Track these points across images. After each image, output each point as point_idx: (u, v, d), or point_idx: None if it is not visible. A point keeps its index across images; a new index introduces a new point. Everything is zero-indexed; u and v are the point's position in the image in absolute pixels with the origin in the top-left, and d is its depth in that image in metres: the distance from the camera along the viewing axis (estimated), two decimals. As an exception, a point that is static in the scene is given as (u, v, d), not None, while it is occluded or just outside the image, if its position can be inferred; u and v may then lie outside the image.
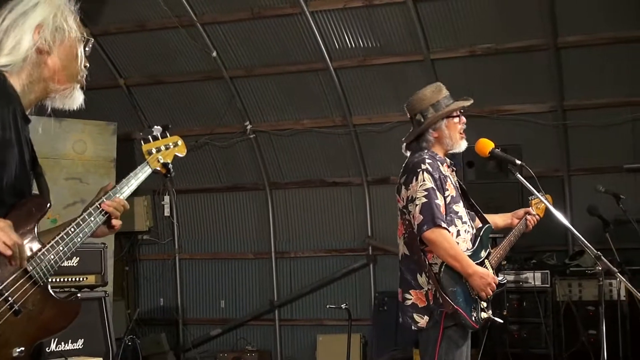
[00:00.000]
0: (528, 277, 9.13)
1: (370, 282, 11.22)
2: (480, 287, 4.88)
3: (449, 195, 4.97)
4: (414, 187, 4.90)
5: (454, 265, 4.82)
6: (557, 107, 10.07)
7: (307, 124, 11.22)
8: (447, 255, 4.80)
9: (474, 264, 4.89)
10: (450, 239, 4.82)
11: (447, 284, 4.83)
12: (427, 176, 4.89)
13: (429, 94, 5.19)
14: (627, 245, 9.05)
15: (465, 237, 5.01)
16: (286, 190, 11.70)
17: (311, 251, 11.60)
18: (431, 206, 4.81)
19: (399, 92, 10.65)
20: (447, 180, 5.01)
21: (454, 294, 4.84)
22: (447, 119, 5.12)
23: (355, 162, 11.17)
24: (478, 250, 5.06)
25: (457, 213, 4.99)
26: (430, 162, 4.96)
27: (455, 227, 4.95)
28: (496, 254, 5.24)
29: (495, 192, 8.96)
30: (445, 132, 5.11)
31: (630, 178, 10.04)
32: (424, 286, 4.92)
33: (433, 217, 4.80)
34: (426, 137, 5.13)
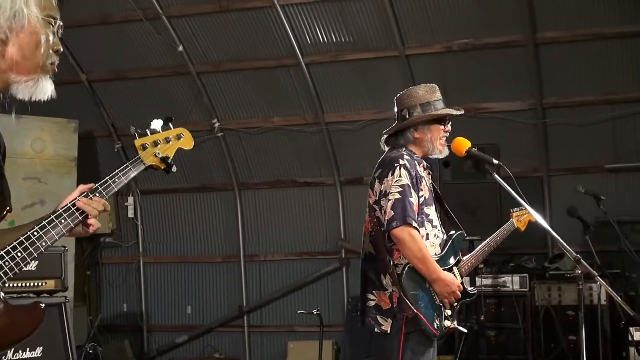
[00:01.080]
0: (506, 280, 9.18)
1: (343, 287, 11.22)
2: (443, 294, 4.87)
3: (422, 197, 4.96)
4: (388, 182, 4.89)
5: (420, 268, 4.81)
6: (536, 104, 10.14)
7: (278, 122, 11.20)
8: (414, 256, 4.79)
9: (440, 269, 4.88)
10: (419, 239, 4.80)
11: (409, 286, 4.82)
12: (404, 172, 4.88)
13: (421, 93, 5.19)
14: (607, 247, 9.12)
15: (433, 242, 5.00)
16: (256, 190, 11.67)
17: (282, 254, 11.59)
18: (404, 203, 4.80)
19: (372, 88, 10.66)
20: (422, 181, 5.01)
21: (415, 297, 4.82)
22: (432, 123, 5.13)
23: (328, 162, 11.18)
24: (447, 256, 5.05)
25: (428, 216, 4.98)
26: (408, 159, 4.96)
27: (425, 230, 4.94)
28: (467, 262, 5.21)
29: (472, 193, 9.00)
30: (427, 135, 5.11)
31: (611, 178, 10.13)
32: (389, 287, 4.90)
33: (404, 215, 4.78)
34: (406, 135, 5.12)
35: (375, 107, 10.68)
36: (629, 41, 9.68)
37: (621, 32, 9.60)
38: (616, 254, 9.07)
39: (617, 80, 9.87)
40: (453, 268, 5.06)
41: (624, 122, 9.99)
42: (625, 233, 9.38)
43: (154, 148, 3.33)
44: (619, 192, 10.07)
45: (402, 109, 5.18)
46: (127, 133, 11.69)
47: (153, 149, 3.32)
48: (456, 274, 5.05)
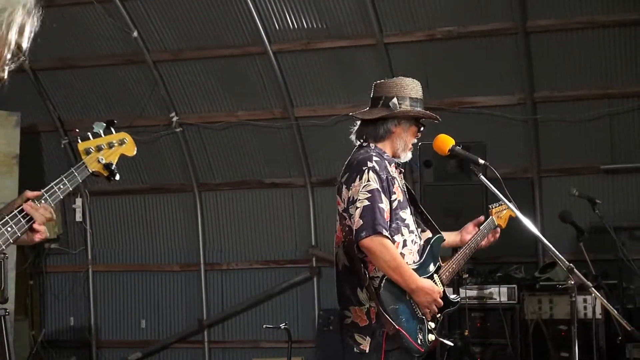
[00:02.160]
0: (492, 292, 9.21)
1: (314, 298, 11.23)
2: (424, 304, 4.87)
3: (396, 200, 4.94)
4: (356, 187, 4.87)
5: (396, 279, 4.81)
6: (527, 99, 10.18)
7: (243, 116, 11.19)
8: (388, 267, 4.78)
9: (418, 278, 4.86)
10: (392, 248, 4.80)
11: (388, 300, 4.82)
12: (372, 176, 4.87)
13: (411, 86, 5.19)
14: (603, 256, 9.19)
15: (411, 249, 5.00)
16: (218, 192, 11.65)
17: (246, 262, 11.58)
18: (374, 210, 4.79)
19: (347, 80, 10.67)
20: (395, 183, 5.00)
21: (395, 312, 4.82)
22: (415, 122, 5.14)
23: (298, 161, 11.18)
24: (426, 263, 5.05)
25: (403, 220, 4.97)
26: (377, 161, 4.94)
27: (402, 237, 4.94)
28: (448, 268, 5.20)
29: (456, 196, 9.02)
30: (403, 134, 5.11)
31: (608, 180, 10.20)
32: (365, 303, 4.90)
33: (374, 223, 4.77)
34: (387, 126, 5.11)
35: (350, 101, 10.68)
36: (628, 30, 9.75)
37: (620, 20, 9.67)
38: (613, 263, 9.14)
39: (614, 73, 9.94)
40: (433, 276, 5.07)
41: (622, 119, 10.06)
42: (623, 240, 9.46)
43: (97, 153, 3.38)
44: (616, 195, 10.14)
45: (389, 96, 5.14)
46: (75, 127, 11.62)
47: (96, 154, 3.38)
48: (437, 281, 5.06)
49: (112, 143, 3.44)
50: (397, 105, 5.09)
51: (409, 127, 5.13)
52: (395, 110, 5.09)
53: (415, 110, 5.10)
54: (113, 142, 3.44)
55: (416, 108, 5.11)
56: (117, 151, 3.46)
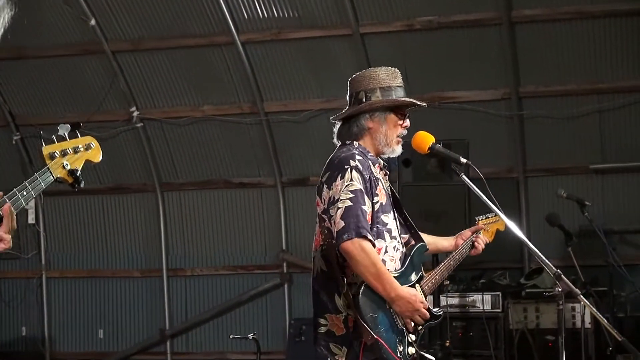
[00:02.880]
0: (475, 300, 9.23)
1: (285, 307, 11.22)
2: (405, 313, 4.84)
3: (378, 203, 4.91)
4: (337, 187, 4.84)
5: (375, 286, 4.77)
6: (511, 94, 10.22)
7: (208, 111, 11.16)
8: (368, 273, 4.75)
9: (399, 286, 4.84)
10: (373, 253, 4.76)
11: (367, 308, 4.78)
12: (355, 175, 4.84)
13: (382, 75, 5.15)
14: (593, 261, 9.23)
15: (394, 256, 4.98)
16: (181, 192, 11.62)
17: (212, 268, 11.55)
18: (356, 212, 4.74)
19: (321, 73, 10.67)
20: (378, 184, 4.99)
21: (374, 320, 4.78)
22: (390, 111, 5.11)
23: (268, 159, 11.16)
24: (407, 272, 5.02)
25: (385, 225, 4.95)
26: (360, 160, 4.91)
27: (383, 242, 4.91)
28: (431, 278, 5.18)
29: (437, 197, 9.03)
30: (382, 127, 5.06)
31: (598, 181, 10.25)
32: (343, 310, 4.86)
33: (357, 226, 4.72)
34: (360, 122, 5.08)
35: (323, 95, 10.68)
36: (619, 21, 9.81)
37: (610, 11, 9.73)
38: (603, 269, 9.18)
39: (605, 66, 9.99)
40: (415, 285, 5.06)
41: (613, 116, 10.12)
42: (614, 244, 9.51)
43: (62, 158, 3.35)
44: (606, 197, 10.19)
45: (358, 91, 5.12)
46: (27, 122, 11.56)
47: (61, 160, 3.35)
48: (419, 291, 5.05)
49: (78, 148, 3.42)
50: (365, 99, 5.09)
51: (386, 117, 5.07)
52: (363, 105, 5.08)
53: (386, 99, 5.07)
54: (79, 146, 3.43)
55: (389, 97, 5.09)
56: (83, 157, 3.44)
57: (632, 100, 9.99)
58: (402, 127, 5.09)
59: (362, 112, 5.06)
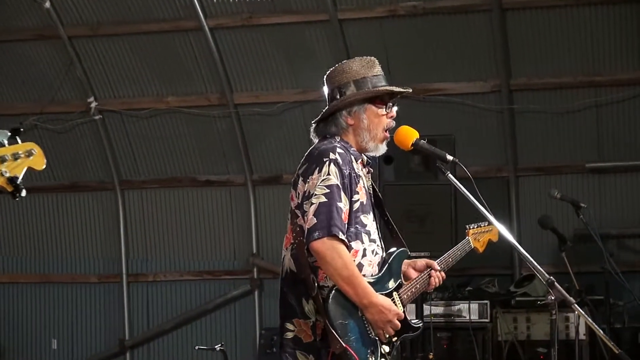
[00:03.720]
0: (461, 309, 9.25)
1: (255, 315, 11.21)
2: (377, 323, 4.83)
3: (358, 201, 4.90)
4: (313, 180, 4.82)
5: (346, 291, 4.76)
6: (502, 86, 10.24)
7: (173, 103, 11.13)
8: (339, 276, 4.74)
9: (373, 292, 4.82)
10: (345, 255, 4.75)
11: (337, 314, 4.77)
12: (334, 169, 4.82)
13: (356, 67, 5.12)
14: (588, 268, 9.25)
15: (371, 260, 4.96)
16: (143, 191, 11.59)
17: (176, 273, 11.53)
18: (331, 209, 4.74)
19: (295, 62, 10.66)
20: (360, 182, 4.98)
21: (344, 328, 4.76)
22: (369, 103, 5.09)
23: (237, 155, 11.15)
24: (384, 279, 5.00)
25: (364, 226, 4.93)
26: (341, 153, 4.90)
27: (361, 244, 4.89)
28: (410, 287, 5.19)
29: (421, 198, 9.04)
30: (363, 122, 5.04)
31: (594, 181, 10.29)
32: (311, 315, 4.84)
33: (330, 223, 4.72)
34: (338, 121, 5.06)
35: (298, 85, 10.67)
36: (618, 8, 9.85)
37: (609, -3, 9.80)
38: (599, 276, 9.20)
39: (603, 57, 10.02)
40: (392, 293, 5.05)
41: (611, 111, 10.15)
42: (611, 249, 9.54)
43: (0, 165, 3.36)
44: (603, 198, 10.23)
45: (332, 89, 5.13)
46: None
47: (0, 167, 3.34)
48: (396, 300, 5.04)
49: (18, 154, 3.41)
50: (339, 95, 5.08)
51: (365, 111, 5.05)
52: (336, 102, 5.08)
53: (359, 92, 5.06)
54: (19, 153, 3.42)
55: (363, 89, 5.08)
56: (24, 163, 3.43)
57: (631, 93, 10.04)
58: (387, 117, 5.06)
59: (337, 109, 5.06)
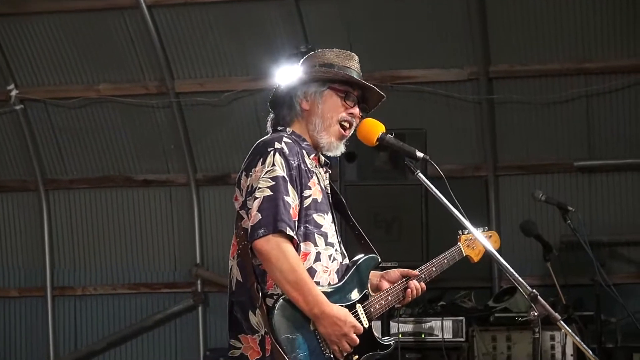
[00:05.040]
0: (433, 326, 9.27)
1: (199, 333, 11.20)
2: (330, 337, 4.82)
3: (310, 198, 4.89)
4: (256, 173, 4.81)
5: (294, 298, 4.75)
6: (480, 74, 10.27)
7: (105, 91, 11.09)
8: (285, 280, 4.73)
9: (326, 302, 4.80)
10: (293, 256, 4.74)
11: (283, 327, 4.76)
12: (279, 159, 4.81)
13: (329, 55, 5.13)
14: (576, 280, 9.31)
15: (328, 266, 4.94)
16: (71, 191, 11.54)
17: (108, 286, 11.48)
18: (277, 202, 4.74)
19: (246, 45, 10.64)
20: (312, 177, 4.97)
21: (291, 343, 4.76)
22: (329, 88, 5.09)
23: (179, 151, 11.12)
24: (346, 288, 4.98)
25: (319, 227, 4.93)
26: (288, 143, 4.89)
27: (314, 247, 4.89)
28: (380, 299, 5.17)
29: (387, 199, 9.05)
30: (318, 107, 5.05)
31: (584, 181, 10.34)
32: (259, 329, 4.84)
33: (275, 219, 4.73)
34: (292, 104, 5.08)
35: (249, 72, 10.66)
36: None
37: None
38: (589, 289, 9.25)
39: (594, 41, 10.07)
40: (355, 305, 5.04)
41: (602, 102, 10.21)
42: (602, 259, 9.59)
43: None
44: (593, 201, 10.28)
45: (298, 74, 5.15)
46: None
47: None
48: (360, 314, 5.02)
49: None
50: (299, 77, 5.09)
51: (322, 95, 5.06)
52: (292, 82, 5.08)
53: (317, 74, 5.06)
54: None
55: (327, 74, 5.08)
56: None
57: (626, 82, 10.10)
58: (346, 111, 5.06)
59: (293, 90, 5.06)
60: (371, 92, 5.16)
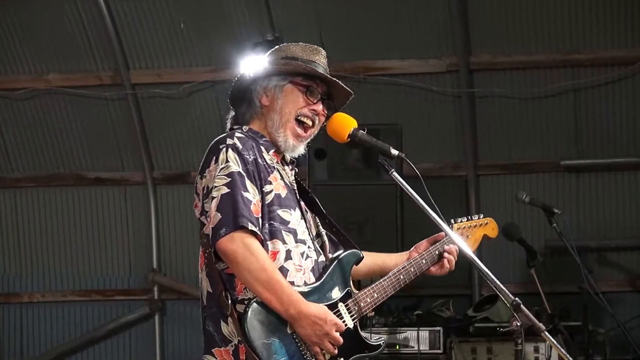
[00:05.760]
0: (409, 337, 9.28)
1: (155, 344, 11.20)
2: (311, 338, 4.80)
3: (272, 193, 4.89)
4: (211, 173, 4.82)
5: (267, 299, 4.75)
6: (460, 65, 10.29)
7: (55, 81, 11.05)
8: (256, 281, 4.73)
9: (302, 300, 4.79)
10: (261, 252, 4.75)
11: (257, 332, 4.75)
12: (232, 155, 4.81)
13: (294, 49, 5.14)
14: (562, 287, 9.34)
15: (301, 264, 4.93)
16: (17, 190, 11.49)
17: (58, 293, 11.44)
18: (235, 199, 4.75)
19: (207, 34, 10.63)
20: (273, 172, 4.97)
21: (267, 349, 4.75)
22: (290, 82, 5.09)
23: (135, 147, 11.10)
24: (325, 287, 4.97)
25: (286, 223, 4.93)
26: (241, 137, 4.89)
27: (283, 245, 4.88)
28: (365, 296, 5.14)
29: (360, 199, 9.06)
30: (277, 102, 5.07)
31: (571, 181, 10.37)
32: (232, 338, 4.83)
33: (235, 215, 4.73)
34: (252, 99, 5.09)
35: (211, 62, 10.65)
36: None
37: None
38: (575, 298, 9.28)
39: (582, 31, 10.10)
40: (337, 304, 5.03)
41: (591, 96, 10.24)
42: (590, 265, 9.62)
43: None
44: (581, 203, 10.31)
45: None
46: None
47: None
48: (343, 312, 5.02)
49: None
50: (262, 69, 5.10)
51: (283, 89, 5.06)
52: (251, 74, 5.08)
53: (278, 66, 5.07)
54: None
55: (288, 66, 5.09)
56: None
57: (616, 75, 10.13)
58: (307, 107, 5.05)
59: (253, 84, 5.08)
60: (337, 88, 5.12)
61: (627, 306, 10.01)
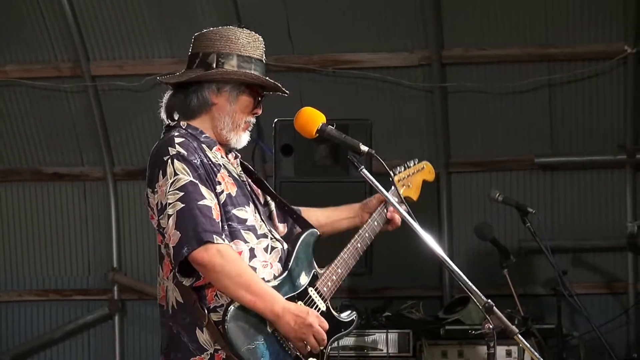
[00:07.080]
0: (377, 339, 9.29)
1: (114, 346, 11.19)
2: (297, 333, 4.85)
3: (224, 194, 4.92)
4: (162, 188, 4.83)
5: (249, 302, 4.79)
6: (432, 58, 10.31)
7: (12, 73, 11.00)
8: (236, 285, 4.77)
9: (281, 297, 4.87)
10: (235, 259, 4.80)
11: (240, 338, 4.78)
12: (179, 166, 4.82)
13: (243, 41, 5.16)
14: (536, 289, 9.39)
15: (267, 259, 4.97)
16: (-28, 185, 11.47)
17: (13, 292, 11.41)
18: (193, 214, 4.78)
19: (170, 23, 10.62)
20: (220, 171, 4.99)
21: (253, 353, 4.80)
22: (246, 90, 5.13)
23: (94, 141, 11.07)
24: (292, 276, 5.02)
25: (243, 222, 4.99)
26: (182, 142, 4.91)
27: (245, 245, 4.95)
28: (331, 275, 5.19)
29: (328, 197, 8.98)
30: (229, 106, 5.10)
31: (546, 180, 10.40)
32: (209, 347, 4.86)
33: (196, 231, 4.76)
34: (203, 94, 5.10)
35: (174, 54, 10.63)
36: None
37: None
38: (549, 300, 9.32)
39: (559, 24, 10.13)
40: (308, 290, 5.06)
41: (567, 91, 10.28)
42: (564, 266, 9.66)
43: None
44: (556, 202, 10.35)
45: (207, 53, 5.17)
46: None
47: None
48: (314, 297, 5.06)
49: None
50: (216, 65, 5.10)
51: (237, 97, 5.10)
52: (211, 71, 5.10)
53: (243, 72, 5.09)
54: None
55: (247, 71, 5.11)
56: None
57: (593, 71, 10.16)
58: (251, 114, 5.14)
59: (208, 80, 5.09)
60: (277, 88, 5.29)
61: (603, 309, 10.05)
